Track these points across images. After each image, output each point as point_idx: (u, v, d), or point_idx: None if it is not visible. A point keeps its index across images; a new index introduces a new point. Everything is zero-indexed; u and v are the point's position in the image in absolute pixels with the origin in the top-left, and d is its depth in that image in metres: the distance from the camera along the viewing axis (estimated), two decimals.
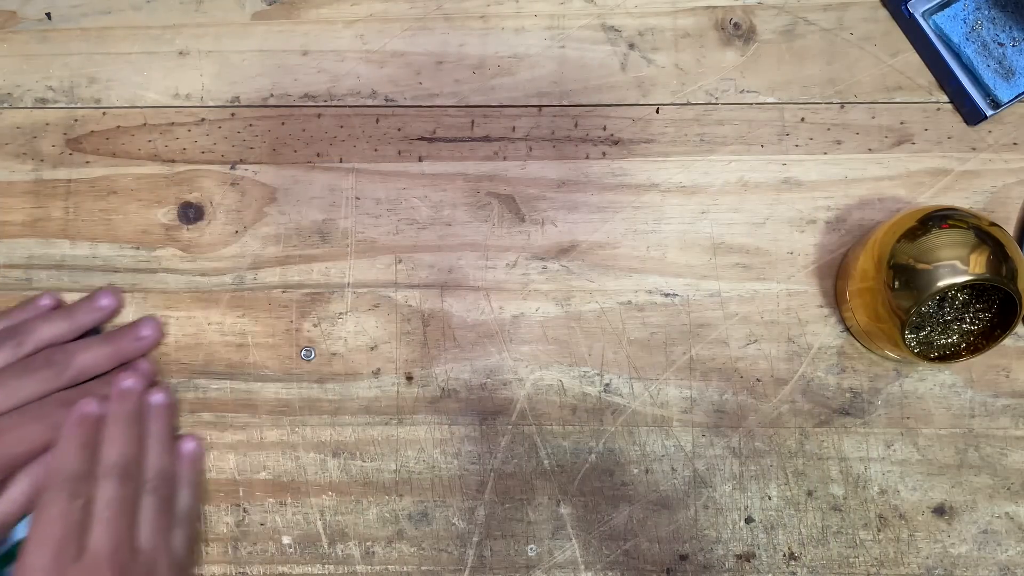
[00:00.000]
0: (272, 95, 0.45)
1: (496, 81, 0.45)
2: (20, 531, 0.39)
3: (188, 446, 0.42)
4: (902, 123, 0.44)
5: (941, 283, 0.36)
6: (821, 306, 0.43)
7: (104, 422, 0.39)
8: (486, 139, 0.45)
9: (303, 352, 0.43)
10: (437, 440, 0.43)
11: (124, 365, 0.42)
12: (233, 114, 0.45)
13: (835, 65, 0.44)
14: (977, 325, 0.40)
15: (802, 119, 0.44)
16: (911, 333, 0.40)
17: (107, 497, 0.37)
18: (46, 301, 0.42)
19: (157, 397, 0.41)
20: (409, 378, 0.44)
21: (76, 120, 0.45)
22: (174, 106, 0.45)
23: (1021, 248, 0.42)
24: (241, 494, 0.43)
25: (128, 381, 0.40)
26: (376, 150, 0.45)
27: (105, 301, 0.43)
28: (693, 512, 0.42)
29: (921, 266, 0.37)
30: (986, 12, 0.43)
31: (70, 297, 0.44)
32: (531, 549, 0.43)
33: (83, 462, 0.37)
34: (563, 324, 0.43)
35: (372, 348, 0.44)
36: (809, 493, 0.42)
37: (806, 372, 0.43)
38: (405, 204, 0.44)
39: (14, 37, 0.46)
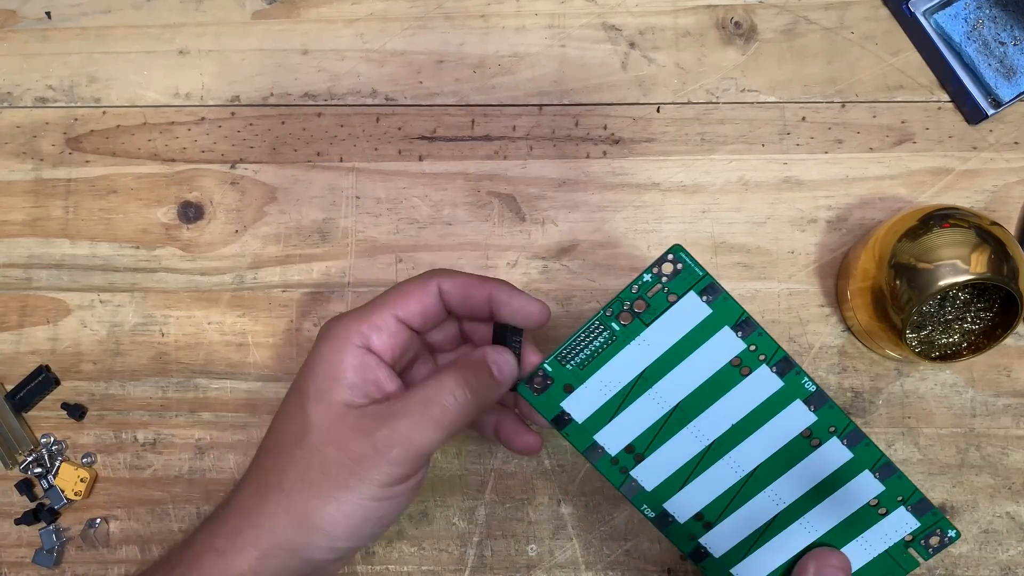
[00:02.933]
0: (272, 94, 0.45)
1: (496, 80, 0.45)
2: None
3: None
4: (903, 122, 0.44)
5: (942, 282, 0.36)
6: (822, 305, 0.43)
7: None
8: (486, 138, 0.45)
9: None
10: None
11: None
12: (233, 113, 0.45)
13: (836, 64, 0.44)
14: (978, 324, 0.40)
15: (803, 118, 0.44)
16: (912, 332, 0.40)
17: None
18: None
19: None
20: None
21: (76, 119, 0.45)
22: (174, 105, 0.45)
23: (1022, 247, 0.42)
24: None
25: None
26: (376, 149, 0.45)
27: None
28: None
29: (922, 265, 0.37)
30: (987, 11, 0.43)
31: (69, 296, 0.44)
32: (531, 549, 0.42)
33: None
34: (564, 324, 0.43)
35: None
36: None
37: (807, 371, 0.43)
38: (405, 203, 0.44)
39: (14, 36, 0.46)
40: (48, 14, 0.46)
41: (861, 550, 0.36)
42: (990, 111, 0.43)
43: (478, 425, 0.38)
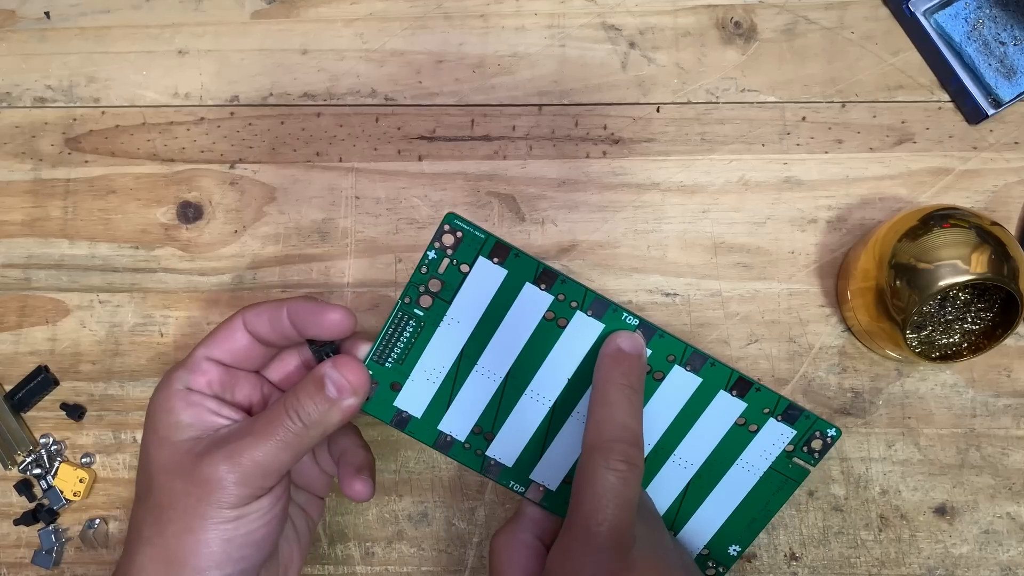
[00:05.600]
0: (271, 94, 0.45)
1: (496, 80, 0.45)
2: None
3: None
4: (903, 122, 0.44)
5: (942, 282, 0.36)
6: (822, 306, 0.43)
7: None
8: (486, 138, 0.45)
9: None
10: None
11: None
12: (232, 113, 0.45)
13: (836, 64, 0.44)
14: (979, 325, 0.40)
15: (803, 118, 0.44)
16: (912, 333, 0.40)
17: None
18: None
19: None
20: None
21: (75, 119, 0.45)
22: (173, 105, 0.45)
23: (1022, 247, 0.42)
24: None
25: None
26: (376, 149, 0.45)
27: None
28: None
29: (922, 265, 0.37)
30: (987, 11, 0.43)
31: (68, 297, 0.44)
32: None
33: None
34: None
35: None
36: (810, 493, 0.42)
37: (807, 372, 0.43)
38: (405, 203, 0.44)
39: (13, 36, 0.46)
40: (47, 14, 0.46)
41: (744, 473, 0.35)
42: (990, 111, 0.42)
43: (327, 468, 0.37)
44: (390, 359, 0.34)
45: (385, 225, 0.44)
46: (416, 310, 0.34)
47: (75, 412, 0.44)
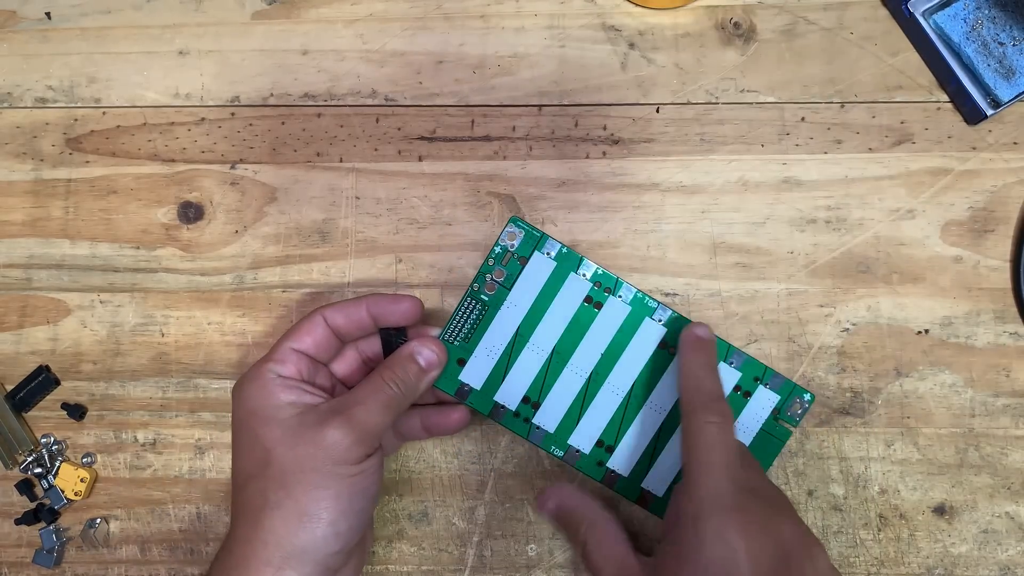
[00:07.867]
0: (272, 95, 0.45)
1: (496, 81, 0.45)
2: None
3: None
4: (902, 122, 0.44)
5: None
6: (821, 305, 0.43)
7: None
8: (486, 139, 0.45)
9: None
10: (437, 440, 0.43)
11: None
12: (233, 114, 0.45)
13: (835, 64, 0.44)
14: None
15: (802, 118, 0.44)
16: None
17: None
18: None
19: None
20: None
21: (76, 120, 0.45)
22: (174, 106, 0.45)
23: (1022, 248, 0.42)
24: None
25: None
26: (376, 150, 0.45)
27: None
28: None
29: None
30: (986, 11, 0.43)
31: (69, 296, 0.44)
32: (531, 549, 0.43)
33: None
34: None
35: None
36: (809, 493, 0.42)
37: (806, 372, 0.43)
38: (405, 204, 0.44)
39: (14, 37, 0.46)
40: (48, 14, 0.46)
41: (741, 434, 0.40)
42: (989, 111, 0.43)
43: (407, 432, 0.41)
44: (458, 338, 0.40)
45: (385, 225, 0.44)
46: (482, 296, 0.40)
47: (76, 412, 0.44)
